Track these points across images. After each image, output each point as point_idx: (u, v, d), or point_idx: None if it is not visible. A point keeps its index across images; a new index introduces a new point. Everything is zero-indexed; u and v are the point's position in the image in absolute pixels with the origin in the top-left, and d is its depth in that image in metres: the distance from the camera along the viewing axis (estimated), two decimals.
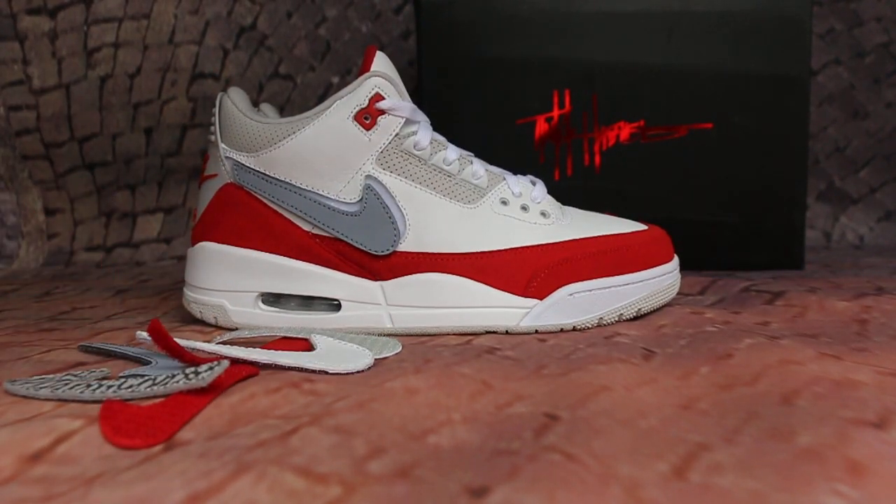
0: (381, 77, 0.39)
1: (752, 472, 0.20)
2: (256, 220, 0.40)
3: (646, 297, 0.41)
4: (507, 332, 0.39)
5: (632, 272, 0.40)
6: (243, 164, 0.40)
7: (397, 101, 0.39)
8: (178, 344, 0.29)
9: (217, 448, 0.22)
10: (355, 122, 0.39)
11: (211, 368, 0.27)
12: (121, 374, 0.29)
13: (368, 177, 0.39)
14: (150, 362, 0.32)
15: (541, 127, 0.59)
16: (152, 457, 0.22)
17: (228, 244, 0.41)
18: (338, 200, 0.39)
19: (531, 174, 0.44)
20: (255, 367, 0.30)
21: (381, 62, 0.40)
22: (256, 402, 0.27)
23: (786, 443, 0.22)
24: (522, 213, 0.40)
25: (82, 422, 0.24)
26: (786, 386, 0.28)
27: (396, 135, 0.39)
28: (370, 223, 0.39)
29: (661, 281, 0.42)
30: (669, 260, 0.43)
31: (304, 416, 0.25)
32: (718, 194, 0.59)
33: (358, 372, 0.31)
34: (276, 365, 0.31)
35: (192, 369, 0.27)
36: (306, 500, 0.19)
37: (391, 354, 0.34)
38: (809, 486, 0.19)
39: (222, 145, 0.41)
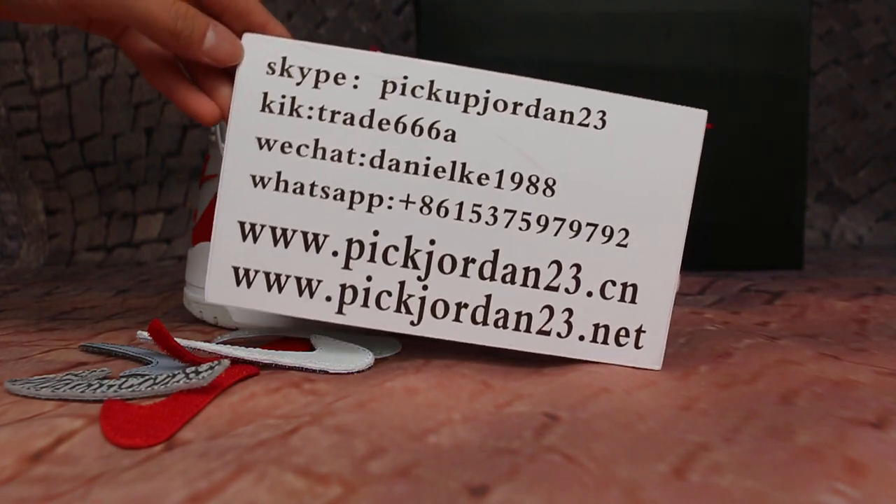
0: None
1: (752, 471, 0.20)
2: None
3: None
4: None
5: None
6: None
7: None
8: (178, 344, 0.30)
9: (217, 448, 0.22)
10: None
11: (211, 368, 0.27)
12: (122, 374, 0.30)
13: None
14: (151, 362, 0.32)
15: None
16: (153, 456, 0.22)
17: None
18: None
19: None
20: (256, 367, 0.30)
21: None
22: (257, 402, 0.27)
23: (785, 442, 0.22)
24: None
25: (83, 421, 0.24)
26: (785, 385, 0.28)
27: None
28: None
29: None
30: None
31: (305, 415, 0.25)
32: (718, 194, 0.59)
33: (358, 372, 0.31)
34: (276, 365, 0.31)
35: (193, 369, 0.27)
36: (307, 500, 0.19)
37: (391, 354, 0.34)
38: (809, 485, 0.19)
39: (223, 145, 0.41)
